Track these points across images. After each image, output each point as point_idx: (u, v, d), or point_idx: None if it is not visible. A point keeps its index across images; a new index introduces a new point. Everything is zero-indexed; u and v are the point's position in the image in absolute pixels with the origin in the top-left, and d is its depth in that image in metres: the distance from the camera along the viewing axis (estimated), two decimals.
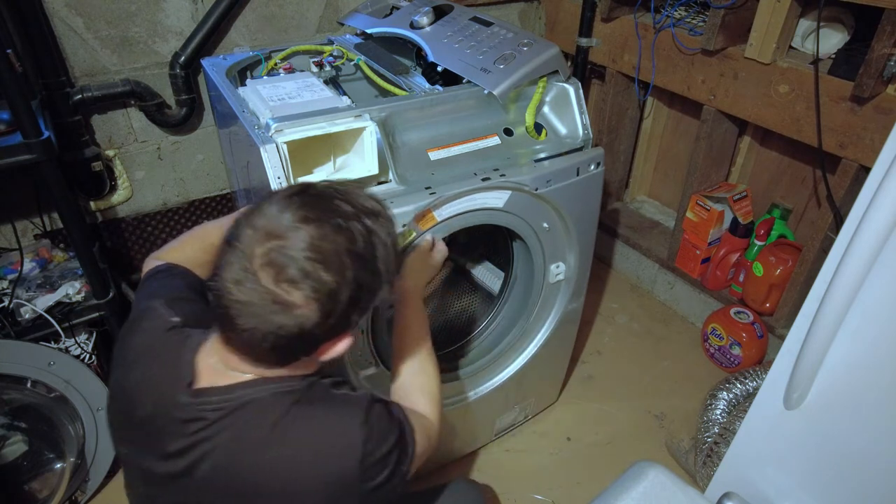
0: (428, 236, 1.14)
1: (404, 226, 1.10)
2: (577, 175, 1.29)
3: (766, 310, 1.91)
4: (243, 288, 0.65)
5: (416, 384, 0.97)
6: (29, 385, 1.39)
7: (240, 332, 0.68)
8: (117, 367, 0.83)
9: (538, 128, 1.30)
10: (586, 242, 1.43)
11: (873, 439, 0.89)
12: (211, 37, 1.68)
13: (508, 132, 1.27)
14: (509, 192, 1.22)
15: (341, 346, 0.74)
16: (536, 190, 1.24)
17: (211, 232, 1.01)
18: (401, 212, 1.09)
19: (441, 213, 1.15)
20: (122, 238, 1.84)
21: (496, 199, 1.21)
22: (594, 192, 1.37)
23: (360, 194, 0.73)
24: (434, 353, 1.03)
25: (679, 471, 1.66)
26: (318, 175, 1.08)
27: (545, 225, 1.33)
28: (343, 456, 0.73)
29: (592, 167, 1.31)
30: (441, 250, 1.13)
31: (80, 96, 1.55)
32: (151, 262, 0.95)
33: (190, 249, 1.00)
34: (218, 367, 0.75)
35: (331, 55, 1.47)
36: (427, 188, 1.13)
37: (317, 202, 0.68)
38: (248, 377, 0.74)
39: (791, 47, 1.62)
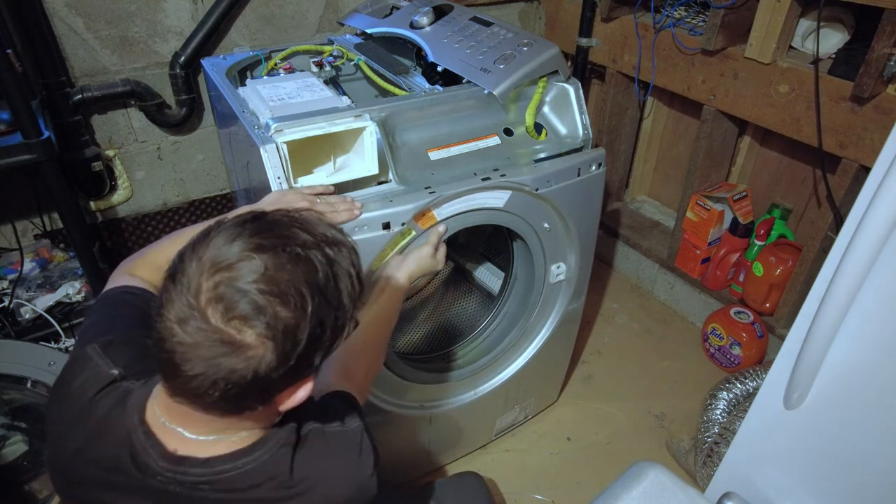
0: (434, 238, 1.14)
1: (404, 224, 1.10)
2: (579, 175, 1.29)
3: (766, 310, 1.91)
4: (188, 328, 0.56)
5: (363, 359, 0.96)
6: (29, 385, 1.39)
7: (186, 380, 0.58)
8: (55, 436, 0.73)
9: (538, 128, 1.30)
10: (587, 243, 1.43)
11: (873, 439, 0.89)
12: (211, 37, 1.68)
13: (508, 132, 1.27)
14: (510, 192, 1.22)
15: (302, 393, 0.66)
16: (537, 190, 1.24)
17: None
18: (400, 210, 1.09)
19: (441, 213, 1.15)
20: (122, 238, 1.84)
21: (496, 198, 1.21)
22: (595, 192, 1.37)
23: (320, 222, 0.65)
24: (387, 347, 1.06)
25: (679, 471, 1.66)
26: (319, 175, 1.08)
27: (546, 225, 1.33)
28: (344, 488, 0.72)
29: (594, 168, 1.31)
30: (441, 258, 1.12)
31: (80, 96, 1.55)
32: (118, 277, 0.88)
33: (165, 258, 0.95)
34: (176, 430, 0.67)
35: (331, 55, 1.47)
36: (427, 188, 1.13)
37: (271, 229, 0.60)
38: (221, 441, 0.67)
39: (791, 47, 1.62)
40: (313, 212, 0.69)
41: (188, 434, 0.67)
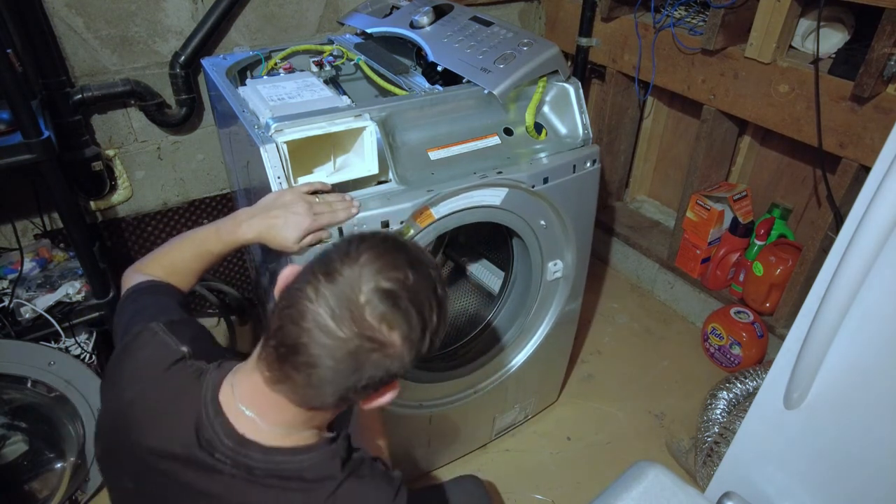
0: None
1: (402, 222, 1.10)
2: (574, 172, 1.29)
3: (766, 309, 1.91)
4: (342, 323, 0.62)
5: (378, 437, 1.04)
6: (29, 385, 1.39)
7: (315, 372, 0.64)
8: (113, 395, 0.77)
9: (538, 127, 1.30)
10: (583, 240, 1.43)
11: (873, 439, 0.89)
12: (211, 36, 1.68)
13: (508, 132, 1.27)
14: (506, 189, 1.22)
15: (389, 395, 0.73)
16: (533, 187, 1.24)
17: (204, 238, 0.99)
18: (398, 209, 1.09)
19: (439, 211, 1.15)
20: (122, 238, 1.84)
21: (493, 196, 1.21)
22: (591, 189, 1.37)
23: (423, 248, 0.74)
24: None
25: (679, 471, 1.66)
26: (318, 175, 1.08)
27: (542, 222, 1.33)
28: None
29: (588, 164, 1.31)
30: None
31: (80, 96, 1.55)
32: (134, 276, 0.91)
33: (180, 257, 0.97)
34: (249, 415, 0.71)
35: (331, 55, 1.47)
36: (427, 188, 1.13)
37: (406, 249, 0.69)
38: (289, 435, 0.72)
39: (791, 47, 1.62)
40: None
41: (262, 423, 0.71)
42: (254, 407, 0.71)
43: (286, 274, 0.72)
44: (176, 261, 0.97)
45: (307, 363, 0.64)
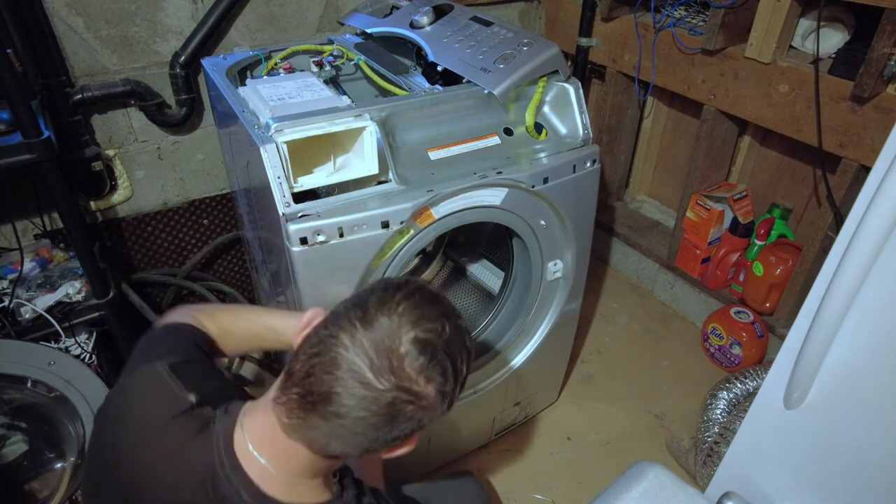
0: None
1: (402, 223, 1.10)
2: (574, 172, 1.29)
3: (766, 309, 1.91)
4: (381, 373, 0.60)
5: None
6: (29, 385, 1.39)
7: (339, 423, 0.62)
8: (112, 438, 0.72)
9: (538, 127, 1.30)
10: (583, 240, 1.43)
11: (873, 439, 0.89)
12: (211, 36, 1.68)
13: (508, 132, 1.27)
14: (506, 189, 1.22)
15: (407, 447, 0.71)
16: (533, 187, 1.24)
17: (280, 328, 0.94)
18: (399, 209, 1.09)
19: (439, 211, 1.15)
20: (122, 238, 1.84)
21: (493, 196, 1.21)
22: (590, 189, 1.37)
23: (443, 295, 0.73)
24: None
25: (679, 471, 1.66)
26: (319, 175, 1.08)
27: (542, 222, 1.33)
28: None
29: (588, 164, 1.31)
30: None
31: (80, 96, 1.55)
32: (182, 315, 0.89)
33: (242, 325, 0.94)
34: (261, 462, 0.68)
35: (331, 55, 1.47)
36: (427, 188, 1.12)
37: (441, 299, 0.68)
38: (300, 484, 0.70)
39: (791, 47, 1.62)
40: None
41: (273, 471, 0.68)
42: (265, 452, 0.68)
43: (310, 317, 0.71)
44: (234, 326, 0.94)
45: (337, 413, 0.61)
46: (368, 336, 0.61)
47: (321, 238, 1.04)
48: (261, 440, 0.68)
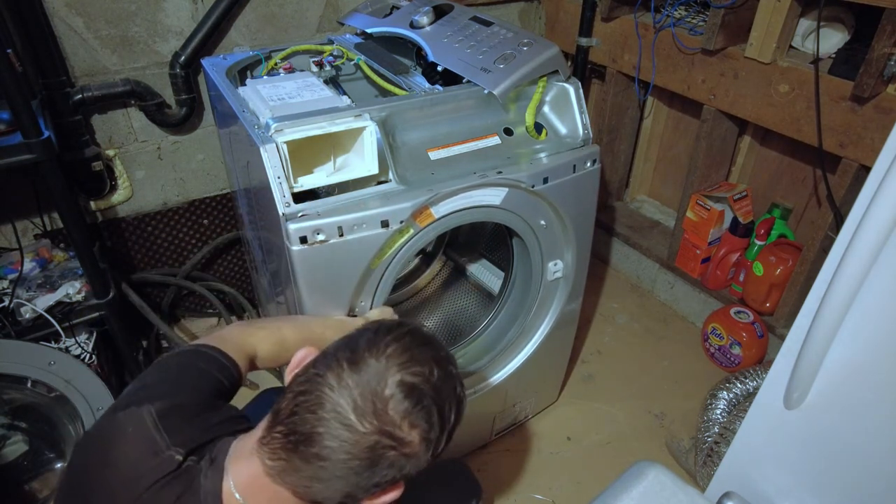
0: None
1: (402, 222, 1.10)
2: (574, 172, 1.29)
3: (766, 309, 1.91)
4: (366, 415, 0.59)
5: None
6: (29, 385, 1.39)
7: (321, 465, 0.61)
8: (86, 494, 0.68)
9: (538, 127, 1.30)
10: (583, 240, 1.43)
11: (873, 439, 0.89)
12: (211, 36, 1.68)
13: (508, 132, 1.27)
14: (506, 189, 1.22)
15: (396, 493, 0.69)
16: (533, 187, 1.24)
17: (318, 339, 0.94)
18: (398, 208, 1.09)
19: (438, 210, 1.15)
20: (122, 238, 1.84)
21: (493, 196, 1.21)
22: (591, 189, 1.37)
23: (436, 339, 0.72)
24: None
25: (679, 471, 1.66)
26: (319, 175, 1.08)
27: (542, 222, 1.33)
28: None
29: (588, 164, 1.31)
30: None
31: (80, 96, 1.55)
32: (226, 336, 0.86)
33: (293, 339, 0.94)
34: None
35: (331, 55, 1.47)
36: (427, 188, 1.12)
37: (433, 343, 0.67)
38: None
39: (791, 47, 1.62)
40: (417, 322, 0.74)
41: None
42: (252, 498, 0.67)
43: (300, 357, 0.69)
44: (292, 338, 0.95)
45: (319, 455, 0.61)
46: (355, 377, 0.61)
47: (321, 237, 1.04)
48: (248, 488, 0.67)
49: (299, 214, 1.03)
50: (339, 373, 0.62)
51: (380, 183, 1.13)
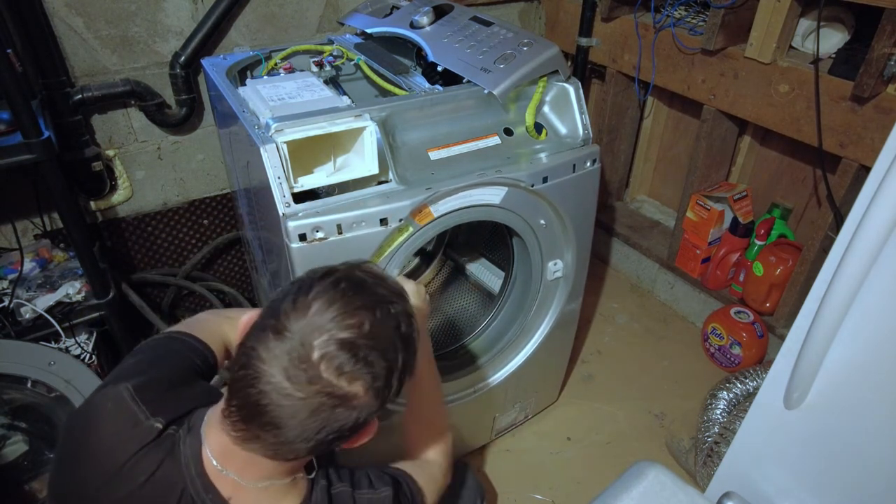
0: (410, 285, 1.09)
1: (401, 220, 1.10)
2: (574, 172, 1.29)
3: (766, 309, 1.91)
4: (298, 384, 0.60)
5: (429, 438, 0.98)
6: (29, 385, 1.39)
7: (283, 432, 0.62)
8: (73, 474, 0.70)
9: (538, 127, 1.30)
10: (583, 240, 1.43)
11: (873, 439, 0.89)
12: (211, 36, 1.68)
13: (508, 132, 1.27)
14: (506, 188, 1.22)
15: (370, 434, 0.71)
16: (532, 186, 1.24)
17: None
18: (397, 206, 1.09)
19: (438, 209, 1.15)
20: (122, 238, 1.84)
21: (493, 195, 1.21)
22: (590, 189, 1.37)
23: (386, 275, 0.71)
24: (441, 395, 1.03)
25: (679, 471, 1.66)
26: (319, 175, 1.08)
27: (542, 222, 1.33)
28: None
29: (588, 164, 1.31)
30: (417, 290, 1.06)
31: (80, 96, 1.55)
32: (191, 324, 0.88)
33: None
34: (229, 476, 0.68)
35: (331, 55, 1.47)
36: (427, 188, 1.12)
37: (363, 289, 0.65)
38: (271, 486, 0.70)
39: (791, 47, 1.62)
40: (373, 264, 0.73)
41: (242, 481, 0.68)
42: (230, 466, 0.68)
43: (244, 322, 0.69)
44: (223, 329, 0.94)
45: (272, 423, 0.62)
46: (280, 347, 0.61)
47: (320, 235, 1.04)
48: (223, 455, 0.68)
49: (299, 214, 1.03)
50: (266, 344, 0.61)
51: (380, 183, 1.13)
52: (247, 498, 0.69)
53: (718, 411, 1.59)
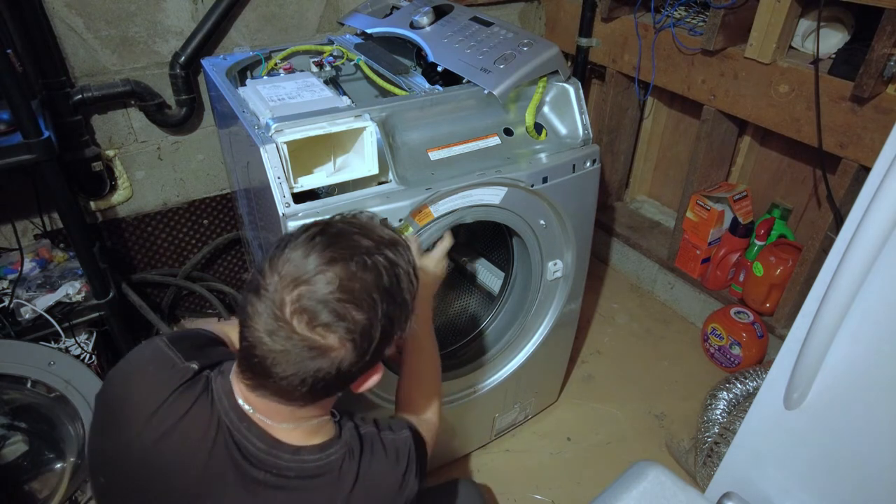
0: (439, 253, 1.10)
1: (401, 220, 1.10)
2: (574, 172, 1.29)
3: (766, 310, 1.91)
4: (277, 337, 0.63)
5: (425, 399, 1.01)
6: (29, 385, 1.39)
7: (277, 381, 0.66)
8: (114, 422, 0.74)
9: (538, 128, 1.30)
10: (583, 240, 1.43)
11: (874, 439, 0.89)
12: (211, 37, 1.68)
13: (508, 132, 1.27)
14: (505, 188, 1.22)
15: (374, 379, 0.75)
16: (532, 186, 1.24)
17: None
18: (397, 206, 1.09)
19: (438, 209, 1.15)
20: (122, 238, 1.84)
21: (493, 195, 1.21)
22: (590, 189, 1.37)
23: (376, 226, 0.72)
24: (438, 358, 1.05)
25: (679, 471, 1.66)
26: (319, 175, 1.08)
27: (542, 222, 1.33)
28: (386, 498, 0.78)
29: (588, 164, 1.31)
30: (442, 267, 1.09)
31: (80, 96, 1.55)
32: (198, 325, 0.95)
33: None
34: (258, 417, 0.72)
35: (331, 55, 1.47)
36: (427, 188, 1.12)
37: (338, 241, 0.67)
38: (298, 427, 0.73)
39: (791, 47, 1.62)
40: (367, 212, 0.75)
41: (269, 421, 0.72)
42: (259, 411, 0.72)
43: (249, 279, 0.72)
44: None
45: (265, 373, 0.66)
46: (261, 304, 0.64)
47: None
48: (248, 400, 0.72)
49: (299, 215, 1.03)
50: (253, 302, 0.65)
51: (380, 183, 1.13)
52: (279, 433, 0.72)
53: (718, 411, 1.59)
